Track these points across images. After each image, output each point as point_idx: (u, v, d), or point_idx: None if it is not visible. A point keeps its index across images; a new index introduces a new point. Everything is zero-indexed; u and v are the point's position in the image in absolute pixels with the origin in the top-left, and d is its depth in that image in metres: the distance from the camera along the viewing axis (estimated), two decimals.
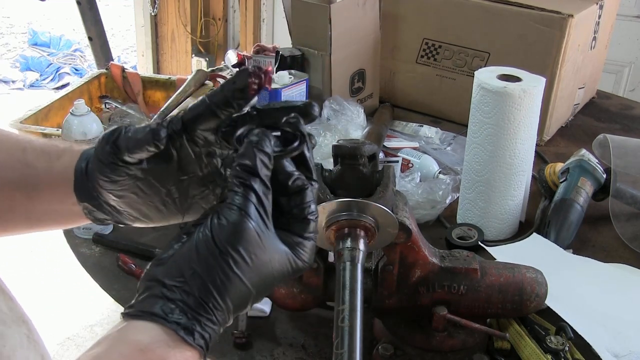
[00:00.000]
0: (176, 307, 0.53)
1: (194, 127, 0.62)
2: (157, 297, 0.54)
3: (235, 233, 0.54)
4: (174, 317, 0.53)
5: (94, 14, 2.61)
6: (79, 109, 1.24)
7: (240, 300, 0.56)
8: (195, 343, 0.53)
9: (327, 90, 1.66)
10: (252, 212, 0.55)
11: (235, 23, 3.91)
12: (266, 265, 0.56)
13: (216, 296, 0.54)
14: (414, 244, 0.88)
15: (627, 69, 2.82)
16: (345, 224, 0.78)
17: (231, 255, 0.54)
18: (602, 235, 1.32)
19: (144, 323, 0.53)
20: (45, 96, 3.30)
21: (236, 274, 0.54)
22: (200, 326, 0.53)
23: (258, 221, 0.55)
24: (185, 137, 0.63)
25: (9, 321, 0.44)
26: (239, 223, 0.54)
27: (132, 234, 1.25)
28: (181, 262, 0.55)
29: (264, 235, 0.55)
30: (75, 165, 0.65)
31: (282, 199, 0.58)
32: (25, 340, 0.45)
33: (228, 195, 0.56)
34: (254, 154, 0.56)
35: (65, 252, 1.25)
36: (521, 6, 1.59)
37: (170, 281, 0.54)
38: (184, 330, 0.53)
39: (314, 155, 0.63)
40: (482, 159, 1.22)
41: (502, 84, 1.16)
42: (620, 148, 1.36)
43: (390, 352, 0.92)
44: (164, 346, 0.52)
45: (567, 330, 0.95)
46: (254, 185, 0.55)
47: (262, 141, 0.57)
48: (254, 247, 0.55)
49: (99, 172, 0.63)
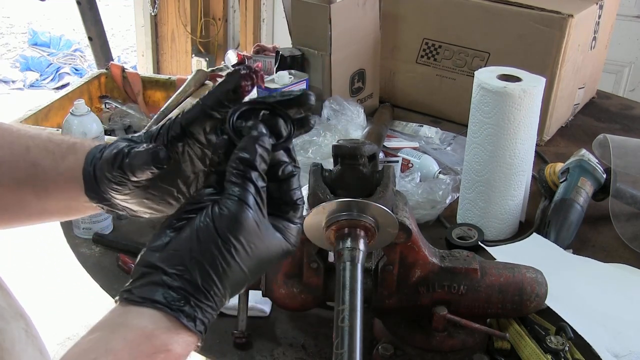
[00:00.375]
0: (178, 294, 0.55)
1: (192, 129, 0.65)
2: (157, 285, 0.55)
3: (236, 222, 0.56)
4: (176, 305, 0.55)
5: (94, 14, 2.61)
6: (79, 109, 1.24)
7: (237, 285, 0.58)
8: (197, 329, 0.56)
9: (327, 90, 1.66)
10: (252, 202, 0.57)
11: (235, 23, 3.91)
12: (262, 252, 0.58)
13: (217, 282, 0.56)
14: (414, 244, 0.88)
15: (627, 69, 2.82)
16: (345, 224, 0.78)
17: (232, 244, 0.56)
18: (602, 235, 1.32)
19: (145, 310, 0.55)
20: (45, 96, 3.30)
21: (237, 261, 0.56)
22: (202, 313, 0.56)
23: (257, 211, 0.57)
24: (186, 140, 0.65)
25: (8, 316, 0.45)
26: (240, 213, 0.56)
27: (132, 234, 1.25)
28: (181, 250, 0.56)
29: (262, 224, 0.58)
30: (83, 169, 0.67)
31: (271, 185, 0.61)
32: (24, 335, 0.45)
33: (227, 186, 0.58)
34: (255, 150, 0.58)
35: (65, 252, 1.25)
36: (521, 6, 1.59)
37: (170, 269, 0.56)
38: (186, 317, 0.55)
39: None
40: (482, 159, 1.22)
41: (502, 84, 1.16)
42: (620, 148, 1.36)
43: (390, 352, 0.92)
44: (167, 332, 0.54)
45: (567, 330, 0.95)
46: (253, 178, 0.58)
47: (263, 136, 0.59)
48: (253, 237, 0.57)
49: (107, 186, 0.66)
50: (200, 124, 0.65)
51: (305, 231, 0.82)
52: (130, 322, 0.54)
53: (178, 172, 0.67)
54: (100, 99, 1.75)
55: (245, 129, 0.60)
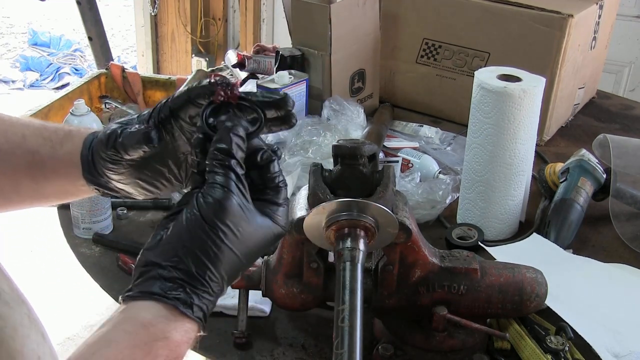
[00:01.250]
0: (174, 284, 0.57)
1: (179, 113, 0.68)
2: (154, 279, 0.58)
3: (222, 208, 0.59)
4: (172, 294, 0.57)
5: (94, 14, 2.61)
6: (79, 109, 1.24)
7: (233, 271, 0.60)
8: (194, 315, 0.57)
9: (327, 90, 1.66)
10: (234, 188, 0.60)
11: (235, 23, 3.91)
12: (252, 235, 0.61)
13: (211, 268, 0.58)
14: (414, 244, 0.88)
15: (627, 69, 2.82)
16: (345, 224, 0.78)
17: (220, 229, 0.58)
18: (602, 235, 1.32)
19: (144, 302, 0.57)
20: (45, 96, 3.31)
21: (227, 245, 0.59)
22: (198, 298, 0.58)
23: (240, 196, 0.60)
24: (174, 121, 0.69)
25: (11, 302, 0.46)
26: (224, 199, 0.59)
27: (132, 234, 1.25)
28: (173, 242, 0.59)
29: (246, 208, 0.61)
30: (81, 153, 0.70)
31: (253, 172, 0.64)
32: (27, 319, 0.47)
33: (209, 176, 0.60)
34: (229, 139, 0.61)
35: (65, 252, 1.25)
36: (521, 6, 1.59)
37: (165, 262, 0.58)
38: (182, 304, 0.57)
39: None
40: (482, 159, 1.22)
41: (502, 84, 1.16)
42: (620, 148, 1.36)
43: (390, 352, 0.92)
44: (164, 321, 0.56)
45: (567, 330, 0.95)
46: (232, 165, 0.61)
47: (237, 126, 0.62)
48: (239, 219, 0.60)
49: (102, 167, 0.69)
50: (186, 109, 0.68)
51: (305, 231, 0.82)
52: (130, 316, 0.57)
53: (168, 153, 0.70)
54: (100, 99, 1.76)
55: (219, 123, 0.64)
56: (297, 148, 1.43)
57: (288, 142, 1.46)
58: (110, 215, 1.25)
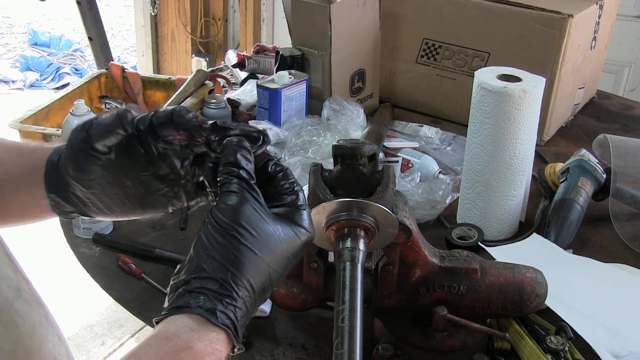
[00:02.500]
0: (198, 294, 0.56)
1: (159, 131, 0.66)
2: (181, 296, 0.57)
3: (236, 212, 0.59)
4: (194, 302, 0.56)
5: (94, 14, 2.61)
6: (79, 109, 1.25)
7: (260, 275, 0.59)
8: (219, 322, 0.56)
9: (327, 90, 1.66)
10: (246, 193, 0.60)
11: (235, 23, 3.91)
12: (272, 236, 0.60)
13: (233, 271, 0.57)
14: (414, 244, 0.88)
15: (627, 69, 2.82)
16: (345, 224, 0.78)
17: (236, 230, 0.58)
18: (602, 235, 1.32)
19: (171, 317, 0.57)
20: (45, 96, 3.30)
21: (245, 245, 0.58)
22: (222, 305, 0.56)
23: (253, 201, 0.60)
24: (150, 137, 0.67)
25: (31, 301, 0.46)
26: (237, 203, 0.60)
27: (132, 234, 1.25)
28: (196, 256, 0.59)
29: (262, 211, 0.61)
30: (47, 158, 0.68)
31: (269, 187, 0.65)
32: (45, 319, 0.47)
33: (221, 189, 0.61)
34: (234, 151, 0.63)
35: (65, 252, 1.25)
36: (521, 6, 1.59)
37: (189, 276, 0.58)
38: (206, 311, 0.56)
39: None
40: (482, 159, 1.22)
41: (502, 84, 1.16)
42: (620, 148, 1.36)
43: (390, 352, 0.92)
44: (188, 331, 0.55)
45: (567, 330, 0.95)
46: (242, 174, 0.61)
47: (240, 141, 0.64)
48: (256, 220, 0.59)
49: (70, 162, 0.67)
50: (166, 129, 0.66)
51: None
52: (156, 332, 0.56)
53: (135, 165, 0.67)
54: (100, 99, 1.76)
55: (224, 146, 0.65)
56: (297, 148, 1.43)
57: (288, 142, 1.46)
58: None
